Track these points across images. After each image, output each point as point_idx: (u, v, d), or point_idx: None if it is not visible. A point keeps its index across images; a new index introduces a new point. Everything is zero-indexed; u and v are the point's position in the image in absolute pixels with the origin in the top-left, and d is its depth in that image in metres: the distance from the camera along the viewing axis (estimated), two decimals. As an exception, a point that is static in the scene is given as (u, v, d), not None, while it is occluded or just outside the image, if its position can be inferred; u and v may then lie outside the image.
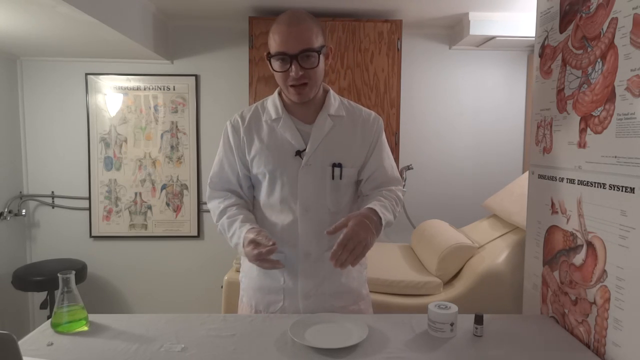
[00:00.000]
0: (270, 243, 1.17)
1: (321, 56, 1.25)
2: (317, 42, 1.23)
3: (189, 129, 3.09)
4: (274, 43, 1.23)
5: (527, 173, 1.64)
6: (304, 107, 1.33)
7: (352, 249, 1.13)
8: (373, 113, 1.42)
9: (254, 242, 1.19)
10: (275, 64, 1.25)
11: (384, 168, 1.38)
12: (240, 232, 1.26)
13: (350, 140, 1.35)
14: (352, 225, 1.16)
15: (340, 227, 1.17)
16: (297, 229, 1.32)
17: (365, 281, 1.46)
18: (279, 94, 1.37)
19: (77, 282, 2.01)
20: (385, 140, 1.43)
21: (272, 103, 1.37)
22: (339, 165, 1.32)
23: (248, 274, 1.42)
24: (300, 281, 1.34)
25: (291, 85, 1.25)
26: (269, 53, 1.25)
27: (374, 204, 1.25)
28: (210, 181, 1.42)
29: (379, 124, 1.40)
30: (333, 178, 1.32)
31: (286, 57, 1.21)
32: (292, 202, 1.32)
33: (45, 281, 2.65)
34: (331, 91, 1.39)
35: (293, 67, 1.21)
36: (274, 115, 1.34)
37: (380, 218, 1.23)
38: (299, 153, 1.31)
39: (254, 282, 1.39)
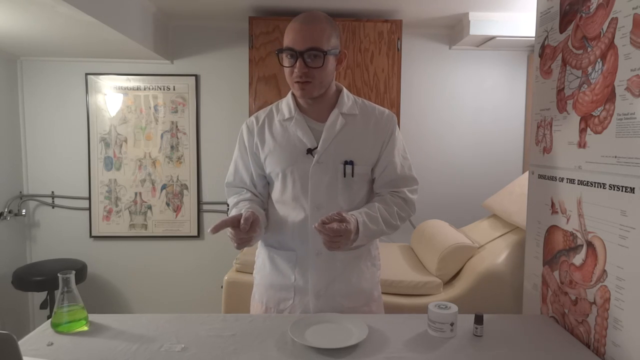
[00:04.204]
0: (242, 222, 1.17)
1: (329, 57, 1.26)
2: (328, 44, 1.25)
3: (189, 129, 3.09)
4: (286, 38, 1.26)
5: (527, 173, 1.64)
6: (317, 106, 1.34)
7: (332, 241, 1.17)
8: (387, 111, 1.41)
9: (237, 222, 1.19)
10: (284, 59, 1.27)
11: (394, 165, 1.37)
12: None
13: (362, 138, 1.35)
14: (347, 229, 1.18)
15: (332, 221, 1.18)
16: (308, 227, 1.32)
17: (377, 282, 1.45)
18: (293, 94, 1.38)
19: (77, 282, 2.01)
20: (400, 138, 1.41)
21: (285, 103, 1.38)
22: (351, 163, 1.32)
23: (261, 270, 1.43)
24: (311, 279, 1.34)
25: (296, 82, 1.27)
26: (279, 49, 1.27)
27: (362, 216, 1.27)
28: (227, 181, 1.45)
29: (392, 122, 1.39)
30: (345, 176, 1.32)
31: (294, 53, 1.24)
32: (303, 200, 1.32)
33: (45, 281, 2.65)
34: (345, 90, 1.39)
35: (298, 63, 1.23)
36: (286, 115, 1.35)
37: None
38: (310, 151, 1.31)
39: (266, 279, 1.40)
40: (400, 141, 1.41)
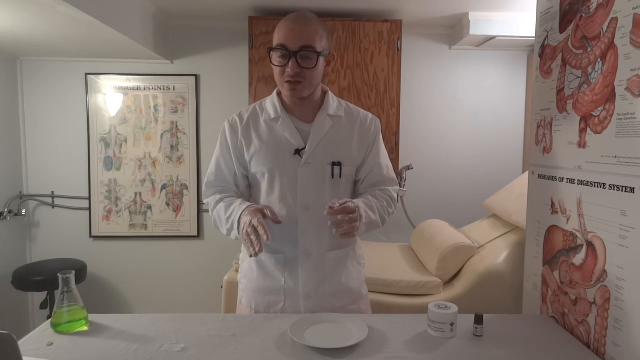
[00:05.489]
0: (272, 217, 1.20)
1: (321, 58, 1.26)
2: (320, 44, 1.25)
3: (189, 129, 3.09)
4: (277, 37, 1.25)
5: (527, 173, 1.64)
6: (303, 106, 1.34)
7: (348, 222, 1.17)
8: (370, 115, 1.43)
9: (262, 212, 1.20)
10: (275, 58, 1.26)
11: (380, 167, 1.40)
12: (240, 208, 1.26)
13: (348, 140, 1.36)
14: (356, 206, 1.20)
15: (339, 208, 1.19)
16: (297, 228, 1.32)
17: (364, 281, 1.47)
18: (278, 94, 1.38)
19: (77, 282, 2.01)
20: (382, 142, 1.44)
21: (270, 103, 1.38)
22: (339, 164, 1.33)
23: (248, 274, 1.41)
24: (301, 281, 1.34)
25: (286, 81, 1.26)
26: (271, 47, 1.26)
27: (360, 204, 1.27)
28: (206, 180, 1.42)
29: (376, 125, 1.41)
30: (333, 177, 1.33)
31: (286, 52, 1.23)
32: (291, 201, 1.32)
33: (45, 281, 2.65)
34: (330, 92, 1.40)
35: (290, 63, 1.23)
36: (273, 115, 1.35)
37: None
38: (298, 152, 1.31)
39: (254, 283, 1.39)
40: (383, 145, 1.44)
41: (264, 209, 1.21)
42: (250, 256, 1.18)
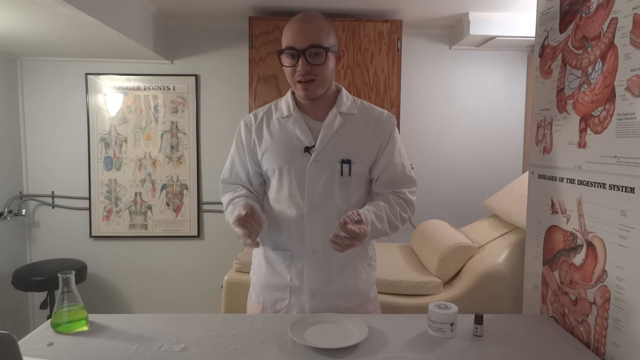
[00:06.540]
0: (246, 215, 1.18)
1: (330, 54, 1.27)
2: (327, 41, 1.25)
3: (189, 129, 3.09)
4: (284, 39, 1.26)
5: (527, 173, 1.65)
6: (315, 104, 1.34)
7: (347, 244, 1.17)
8: (386, 112, 1.41)
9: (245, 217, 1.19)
10: (284, 59, 1.27)
11: (394, 166, 1.37)
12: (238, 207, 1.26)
13: (360, 138, 1.35)
14: (364, 233, 1.18)
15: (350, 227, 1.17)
16: (304, 226, 1.32)
17: (373, 283, 1.45)
18: (292, 92, 1.38)
19: (77, 282, 2.01)
20: (399, 139, 1.41)
21: (284, 101, 1.39)
22: (348, 162, 1.32)
23: (257, 270, 1.43)
24: (307, 279, 1.34)
25: (298, 81, 1.26)
26: (279, 50, 1.27)
27: (370, 215, 1.25)
28: (222, 177, 1.44)
29: (391, 122, 1.39)
30: (342, 174, 1.32)
31: (295, 52, 1.24)
32: (299, 198, 1.32)
33: (45, 281, 2.65)
34: (344, 90, 1.40)
35: (300, 62, 1.24)
36: (285, 113, 1.35)
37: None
38: (307, 149, 1.31)
39: (262, 279, 1.40)
40: (399, 142, 1.41)
41: (248, 210, 1.20)
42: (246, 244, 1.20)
